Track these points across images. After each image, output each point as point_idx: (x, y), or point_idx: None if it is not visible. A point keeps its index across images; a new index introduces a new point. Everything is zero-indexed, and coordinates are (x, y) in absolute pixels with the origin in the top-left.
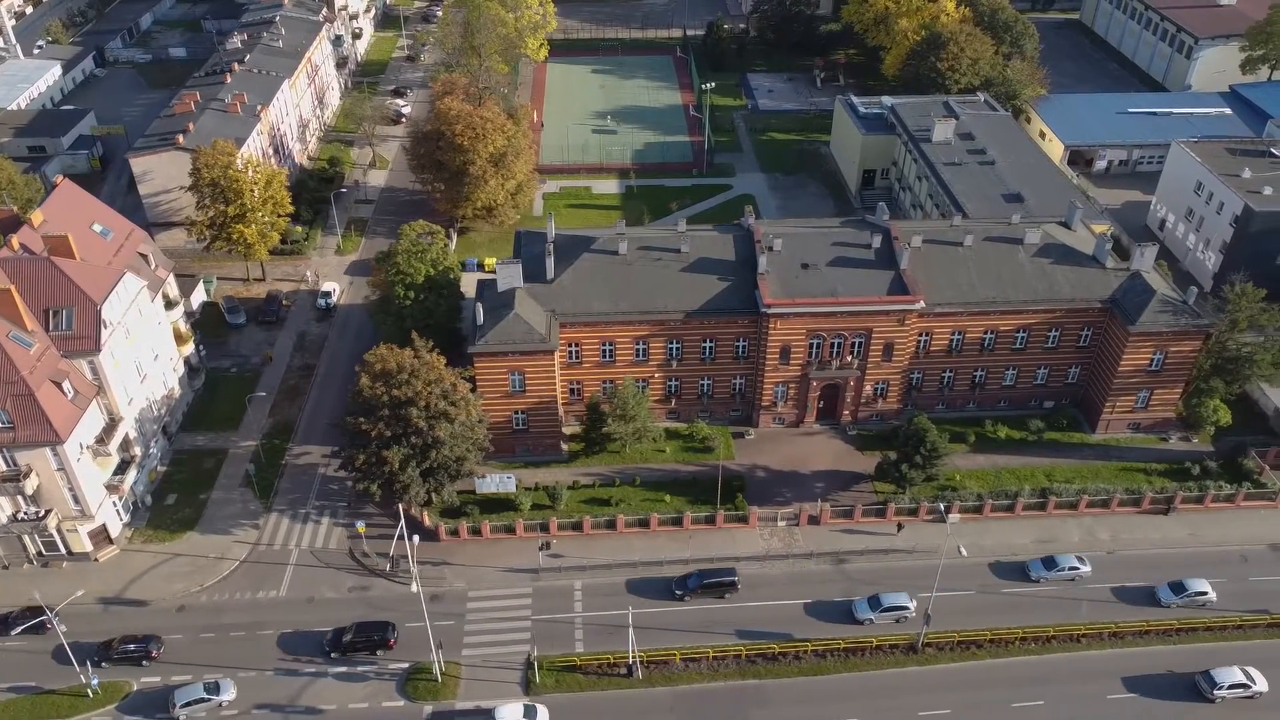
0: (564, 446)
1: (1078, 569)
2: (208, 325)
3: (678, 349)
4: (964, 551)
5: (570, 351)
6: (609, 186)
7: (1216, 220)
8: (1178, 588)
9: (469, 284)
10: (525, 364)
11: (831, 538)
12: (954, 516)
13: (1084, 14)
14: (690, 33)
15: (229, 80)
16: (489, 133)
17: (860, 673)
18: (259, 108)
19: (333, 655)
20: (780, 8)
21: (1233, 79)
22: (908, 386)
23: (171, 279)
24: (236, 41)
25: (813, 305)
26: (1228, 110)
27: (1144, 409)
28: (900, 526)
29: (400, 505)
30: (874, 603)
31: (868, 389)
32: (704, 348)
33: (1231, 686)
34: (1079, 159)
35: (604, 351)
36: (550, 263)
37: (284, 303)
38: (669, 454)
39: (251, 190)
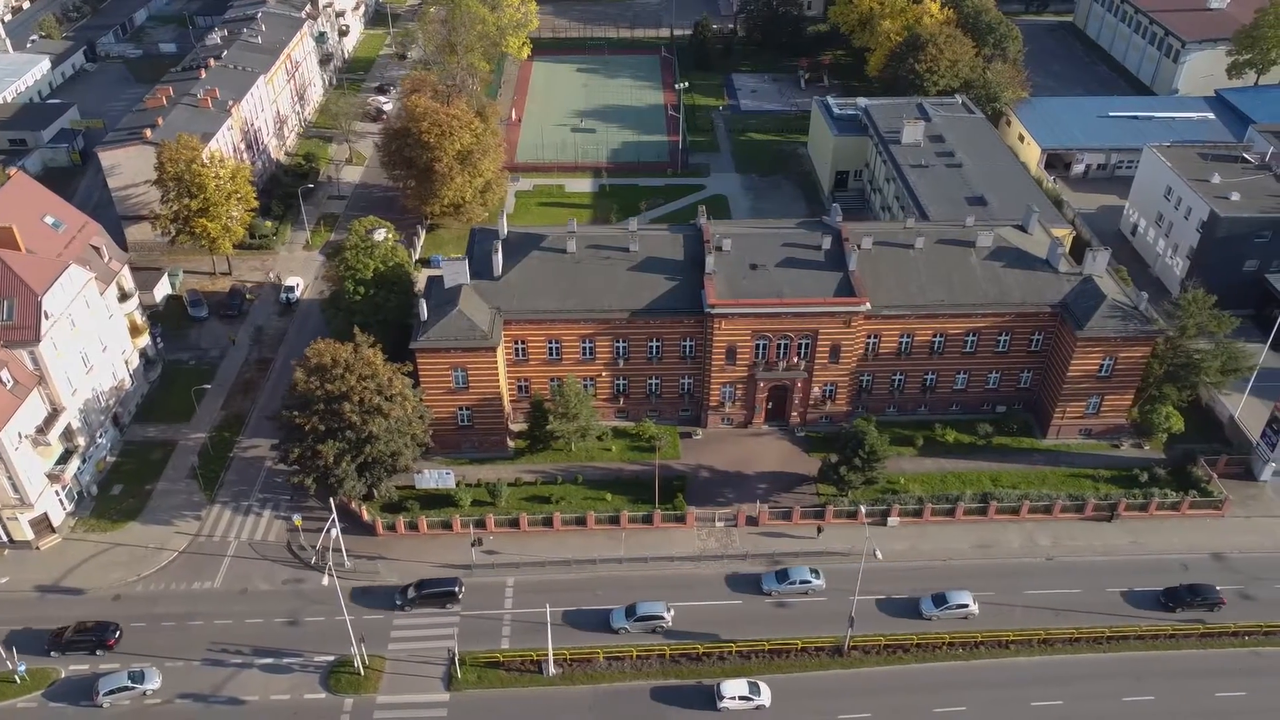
0: (510, 444)
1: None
2: (171, 318)
3: (624, 348)
4: (879, 555)
5: (516, 349)
6: (583, 185)
7: (1185, 226)
8: (939, 599)
9: None
10: (467, 360)
11: (752, 539)
12: (894, 520)
13: (1077, 16)
14: (678, 32)
15: (203, 76)
16: (455, 130)
17: (784, 674)
18: (230, 103)
19: (52, 654)
20: (767, 8)
21: (1220, 83)
22: (858, 389)
23: (126, 271)
24: (216, 37)
25: (757, 306)
26: (1210, 115)
27: (1095, 415)
28: (820, 530)
29: (332, 499)
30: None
31: (816, 391)
32: (650, 347)
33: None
34: (1058, 162)
35: (550, 349)
36: (497, 260)
37: (247, 297)
38: (615, 453)
39: (215, 185)
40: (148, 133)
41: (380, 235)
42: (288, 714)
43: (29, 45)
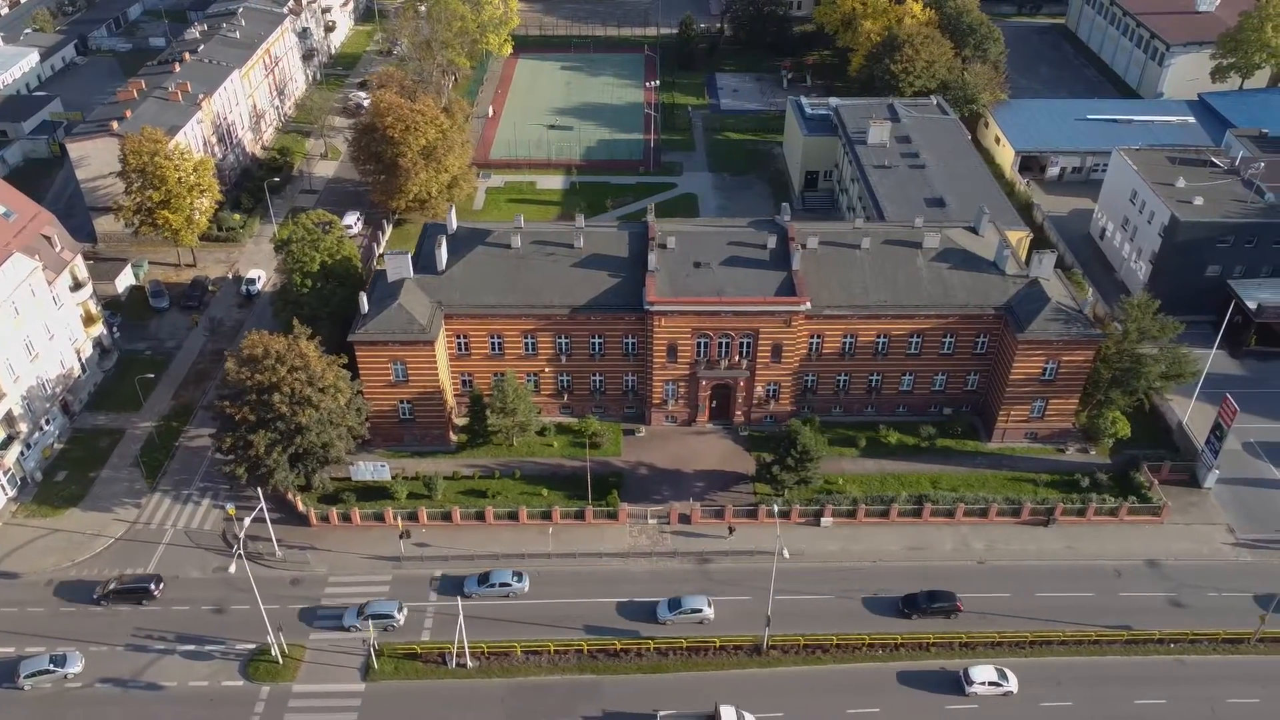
0: (453, 438)
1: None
2: (132, 308)
3: (566, 344)
4: (787, 554)
5: (458, 343)
6: (554, 182)
7: (1148, 230)
8: (674, 604)
9: None
10: (406, 354)
11: (665, 538)
12: (827, 520)
13: (1069, 19)
14: (665, 31)
15: (177, 69)
16: (420, 126)
17: (700, 672)
18: (200, 97)
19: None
20: (751, 7)
21: (1205, 87)
22: (803, 389)
23: (79, 261)
24: (195, 32)
25: (695, 304)
26: (1191, 119)
27: (1040, 419)
28: (731, 530)
29: (260, 489)
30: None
31: (759, 390)
32: (592, 344)
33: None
34: (1034, 165)
35: (492, 344)
36: (440, 254)
37: (209, 288)
38: (557, 449)
39: (177, 177)
40: (114, 125)
41: (352, 221)
42: (204, 701)
43: (22, 39)
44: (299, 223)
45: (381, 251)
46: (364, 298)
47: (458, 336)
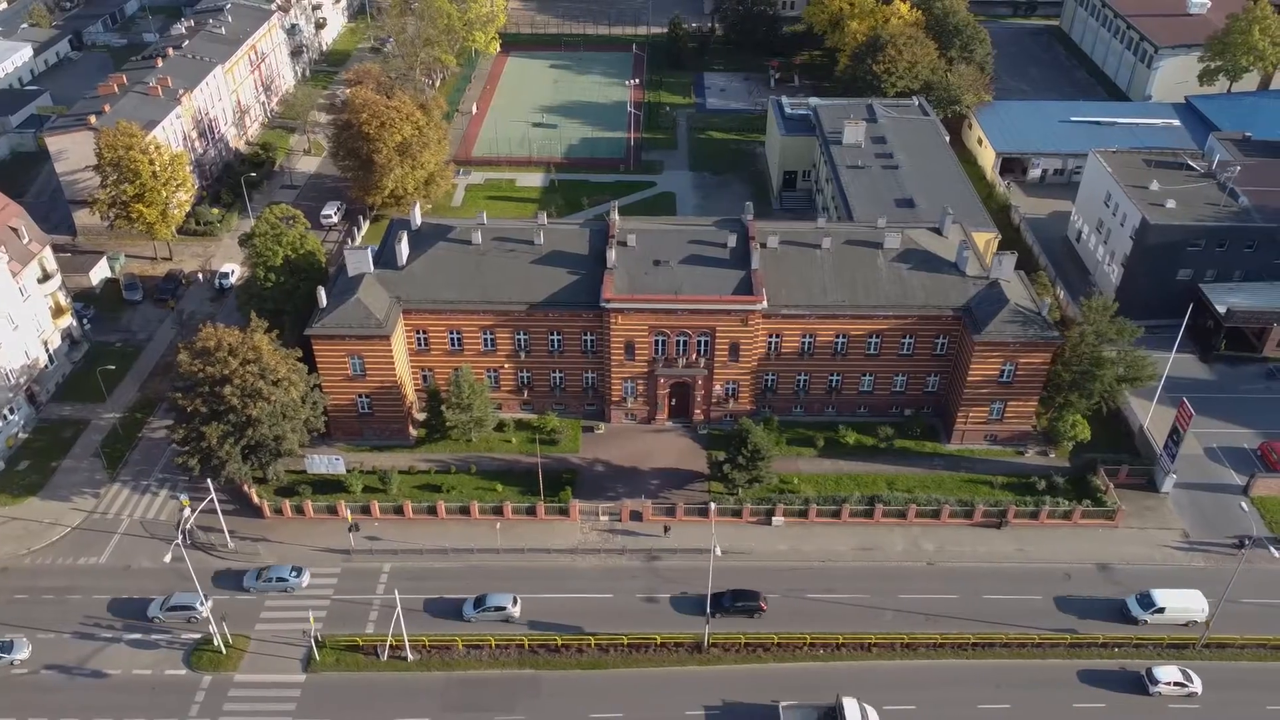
0: (413, 432)
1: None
2: (107, 301)
3: (525, 341)
4: (719, 552)
5: (418, 339)
6: (533, 180)
7: (1120, 232)
8: (479, 602)
9: None
10: (363, 348)
11: (600, 535)
12: (778, 519)
13: (1063, 20)
14: (655, 30)
15: (159, 64)
16: (396, 122)
17: (640, 669)
18: (181, 92)
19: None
20: (741, 7)
21: (1193, 90)
22: (763, 388)
23: (48, 252)
24: (181, 27)
25: (651, 302)
26: (1176, 121)
27: (999, 421)
28: (667, 529)
29: (210, 480)
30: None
31: (718, 389)
32: (551, 340)
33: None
34: (1015, 167)
35: (452, 340)
36: (400, 249)
37: (183, 282)
38: (515, 444)
39: (151, 171)
40: (92, 119)
41: (331, 211)
42: (147, 688)
43: (19, 34)
44: (263, 217)
45: (355, 245)
46: (322, 292)
47: (417, 332)
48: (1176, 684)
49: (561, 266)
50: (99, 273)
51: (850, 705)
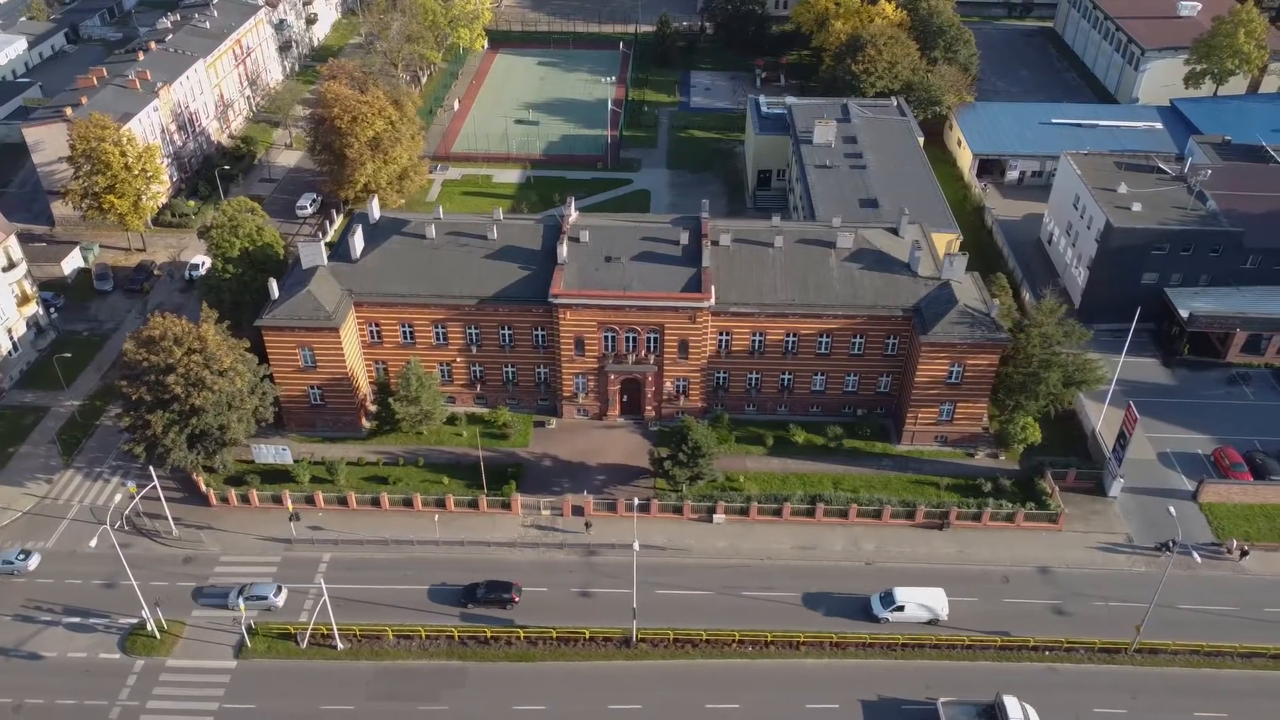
0: (366, 424)
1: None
2: (77, 290)
3: (476, 335)
4: (637, 548)
5: (371, 331)
6: (510, 176)
7: (1087, 235)
8: (242, 590)
9: None
10: (313, 340)
11: (520, 530)
12: (719, 517)
13: (1057, 22)
14: (645, 28)
15: (141, 58)
16: (368, 117)
17: (567, 662)
18: (159, 85)
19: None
20: (730, 6)
21: (1180, 93)
22: (714, 386)
23: (13, 241)
24: (167, 22)
25: (598, 298)
26: (1158, 124)
27: (949, 422)
28: (588, 524)
29: (152, 468)
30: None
31: (669, 386)
32: (502, 335)
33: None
34: (994, 168)
35: (404, 333)
36: (354, 242)
37: (154, 273)
38: (466, 438)
39: (123, 163)
40: (69, 110)
41: (306, 203)
42: (79, 671)
43: (17, 27)
44: (221, 209)
45: (328, 239)
46: (274, 284)
47: (369, 324)
48: None
49: (513, 261)
50: (71, 262)
51: (1011, 704)
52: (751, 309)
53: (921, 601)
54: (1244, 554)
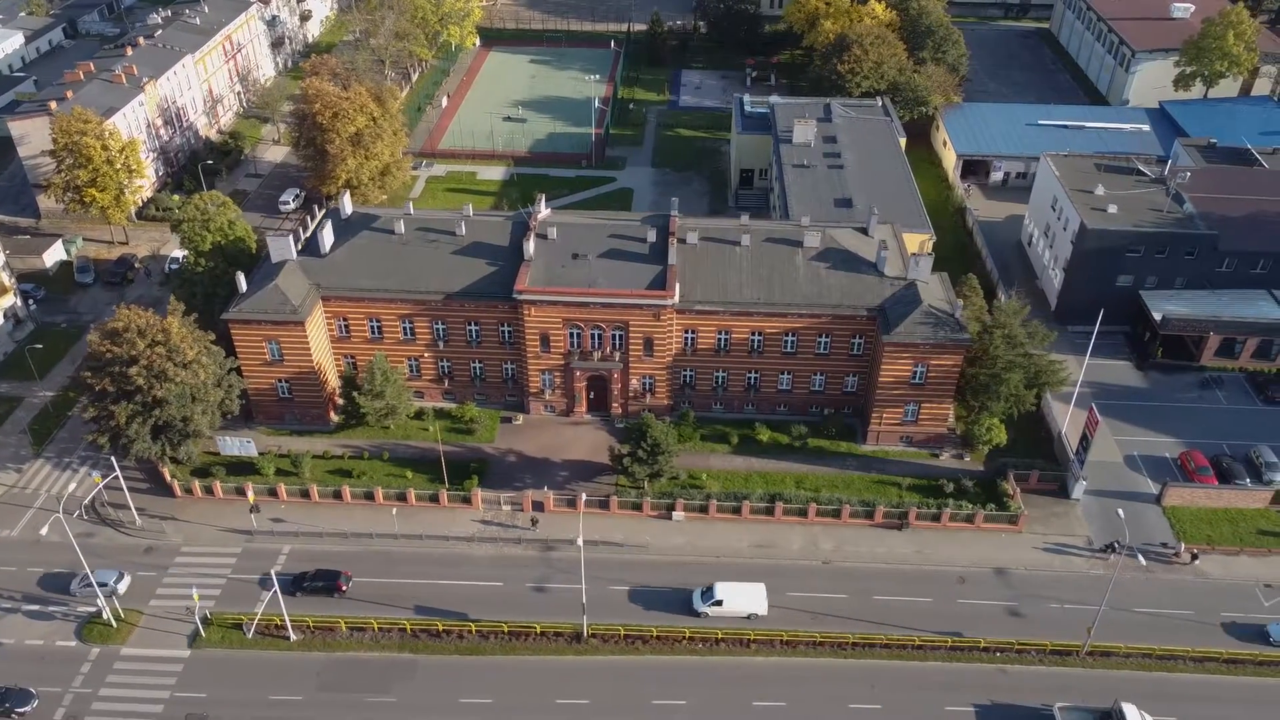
0: (333, 417)
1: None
2: (59, 282)
3: (443, 330)
4: (580, 543)
5: (340, 326)
6: (495, 173)
7: (1063, 237)
8: (83, 579)
9: None
10: (279, 334)
11: (473, 525)
12: (678, 514)
13: (1053, 23)
14: (639, 27)
15: (129, 53)
16: (349, 113)
17: (517, 656)
18: (145, 80)
19: None
20: (723, 5)
21: (1171, 95)
22: (681, 384)
23: None
24: (157, 18)
25: (561, 294)
26: (1145, 127)
27: (914, 423)
28: (535, 521)
29: (114, 458)
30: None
31: (635, 383)
32: (469, 331)
33: None
34: (979, 169)
35: (372, 328)
36: (323, 237)
37: (135, 266)
38: (432, 433)
39: (104, 157)
40: (53, 104)
41: (289, 198)
42: (35, 658)
43: (16, 22)
44: (191, 203)
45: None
46: (241, 277)
47: (338, 319)
48: None
49: (481, 257)
50: (53, 255)
51: (1130, 711)
52: (716, 307)
53: (740, 596)
54: (1194, 557)
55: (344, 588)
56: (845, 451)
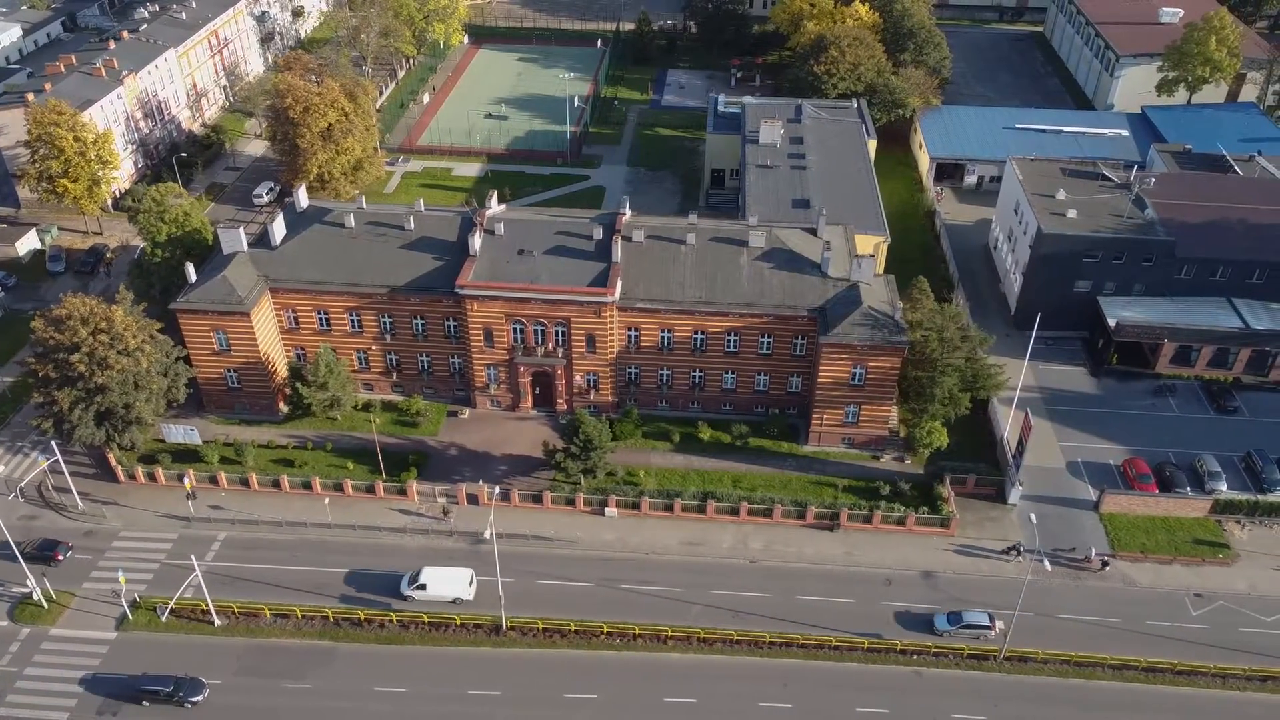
0: (282, 408)
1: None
2: (31, 271)
3: (390, 324)
4: (487, 535)
5: (289, 318)
6: (471, 170)
7: (1024, 241)
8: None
9: None
10: (226, 324)
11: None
12: (611, 510)
13: (1046, 26)
14: (627, 27)
15: (112, 46)
16: (320, 108)
17: (436, 647)
18: (125, 73)
19: None
20: (710, 5)
21: (1155, 100)
22: (626, 381)
23: None
24: (144, 11)
25: (502, 289)
26: (1124, 132)
27: (854, 424)
28: (446, 512)
29: (54, 443)
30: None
31: (579, 379)
32: (415, 324)
33: None
34: (955, 172)
35: (320, 320)
36: (274, 229)
37: (107, 256)
38: (378, 425)
39: (77, 149)
40: (30, 96)
41: (263, 191)
42: None
43: (15, 15)
44: (147, 194)
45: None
46: (190, 268)
47: (287, 311)
48: None
49: (428, 252)
50: (27, 244)
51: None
52: (658, 305)
53: (445, 582)
54: (1105, 564)
55: (60, 557)
56: (786, 452)
